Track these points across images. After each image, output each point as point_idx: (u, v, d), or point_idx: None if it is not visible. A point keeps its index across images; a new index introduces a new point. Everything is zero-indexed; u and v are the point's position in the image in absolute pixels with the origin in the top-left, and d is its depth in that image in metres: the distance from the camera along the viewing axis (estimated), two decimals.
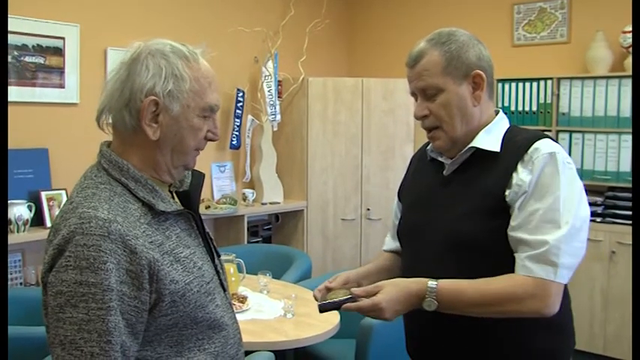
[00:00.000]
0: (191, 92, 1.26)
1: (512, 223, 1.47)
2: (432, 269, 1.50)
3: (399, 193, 1.85)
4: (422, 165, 1.76)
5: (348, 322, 2.81)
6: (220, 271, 1.43)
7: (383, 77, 4.74)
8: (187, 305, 1.25)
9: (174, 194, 1.41)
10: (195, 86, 1.27)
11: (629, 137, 3.96)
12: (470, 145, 1.57)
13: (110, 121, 1.29)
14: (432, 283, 1.44)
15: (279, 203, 4.61)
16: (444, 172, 1.63)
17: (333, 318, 2.74)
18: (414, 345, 1.72)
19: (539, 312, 1.43)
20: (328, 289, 1.59)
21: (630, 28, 3.95)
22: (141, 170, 1.27)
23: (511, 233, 1.47)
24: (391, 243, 1.86)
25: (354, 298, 1.47)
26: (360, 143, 4.66)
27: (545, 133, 1.70)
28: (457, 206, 1.55)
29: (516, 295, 1.42)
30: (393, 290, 1.45)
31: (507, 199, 1.48)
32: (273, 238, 4.85)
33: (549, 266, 1.41)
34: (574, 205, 1.45)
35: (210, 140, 1.34)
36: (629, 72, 3.98)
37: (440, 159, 1.65)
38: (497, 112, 1.63)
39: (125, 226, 1.18)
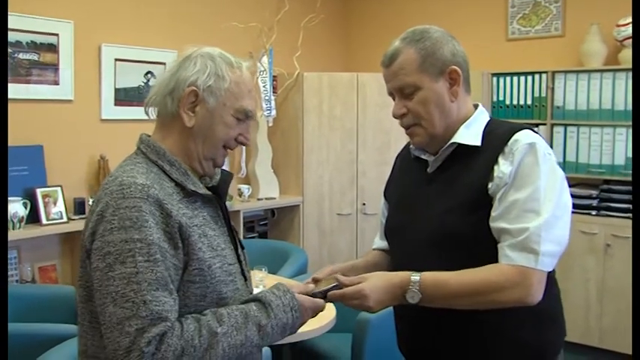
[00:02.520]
0: (229, 92, 1.40)
1: (493, 213, 1.47)
2: (418, 267, 1.49)
3: (385, 192, 1.85)
4: (406, 164, 1.76)
5: (344, 317, 2.82)
6: (243, 261, 1.51)
7: (378, 72, 4.67)
8: (213, 277, 1.33)
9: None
10: (233, 88, 1.41)
11: (624, 130, 3.97)
12: (451, 141, 1.57)
13: (154, 115, 1.44)
14: (415, 275, 1.45)
15: (274, 198, 4.62)
16: (428, 170, 1.63)
17: (329, 312, 2.75)
18: (405, 342, 1.72)
19: (522, 301, 1.43)
20: (315, 281, 1.58)
21: (625, 22, 3.95)
22: (175, 155, 1.40)
23: (492, 224, 1.47)
24: (380, 242, 1.85)
25: (339, 286, 1.48)
26: (356, 138, 4.66)
27: (534, 126, 1.70)
28: (441, 203, 1.55)
29: (498, 284, 1.42)
30: (377, 280, 1.47)
31: (490, 192, 1.49)
32: (269, 233, 4.85)
33: (530, 254, 1.41)
34: (555, 194, 1.45)
35: (241, 144, 1.46)
36: (624, 65, 3.99)
37: (423, 157, 1.65)
38: (476, 107, 1.63)
39: (161, 193, 1.30)
